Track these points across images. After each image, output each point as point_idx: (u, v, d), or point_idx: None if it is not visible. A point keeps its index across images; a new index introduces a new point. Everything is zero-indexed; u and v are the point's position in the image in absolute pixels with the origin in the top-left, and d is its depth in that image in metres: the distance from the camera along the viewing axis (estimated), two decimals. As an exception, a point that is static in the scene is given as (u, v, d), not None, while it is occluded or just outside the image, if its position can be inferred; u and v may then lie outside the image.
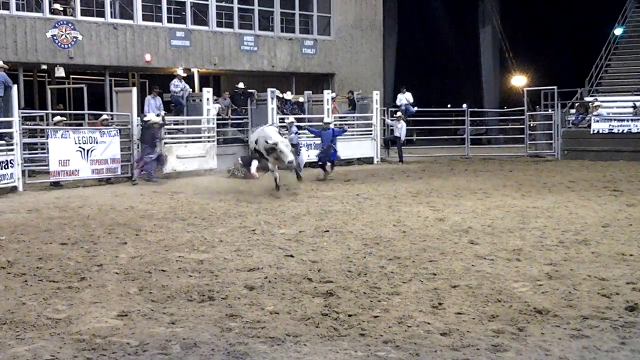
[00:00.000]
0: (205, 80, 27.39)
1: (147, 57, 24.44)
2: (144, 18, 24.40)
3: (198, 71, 26.51)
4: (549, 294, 7.20)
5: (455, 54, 42.31)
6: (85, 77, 26.14)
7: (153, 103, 21.60)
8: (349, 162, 24.05)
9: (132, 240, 10.42)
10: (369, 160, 25.06)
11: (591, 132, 24.94)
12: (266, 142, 16.12)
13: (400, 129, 24.85)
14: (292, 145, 21.59)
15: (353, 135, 24.83)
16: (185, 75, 23.08)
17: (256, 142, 16.87)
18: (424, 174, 20.60)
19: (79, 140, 17.97)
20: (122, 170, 19.03)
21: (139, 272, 8.34)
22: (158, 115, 19.89)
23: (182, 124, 22.12)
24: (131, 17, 24.09)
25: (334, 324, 6.30)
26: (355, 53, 29.79)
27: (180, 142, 20.87)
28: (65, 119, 19.63)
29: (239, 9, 26.67)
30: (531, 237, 10.26)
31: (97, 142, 18.30)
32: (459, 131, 29.40)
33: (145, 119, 19.30)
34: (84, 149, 18.02)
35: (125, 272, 8.33)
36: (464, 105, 31.29)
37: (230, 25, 26.58)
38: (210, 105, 21.56)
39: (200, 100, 21.95)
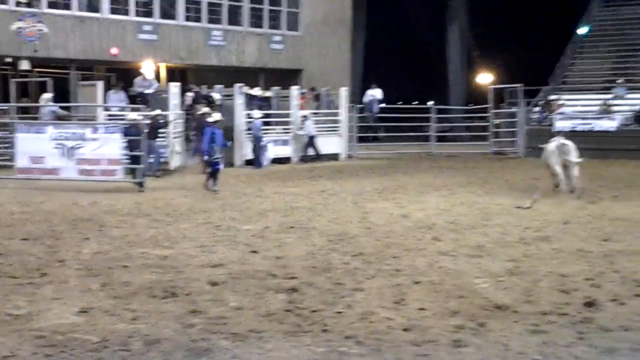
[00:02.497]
0: (172, 75, 27.20)
1: (114, 50, 24.24)
2: (111, 11, 24.21)
3: (165, 65, 26.31)
4: (509, 290, 7.31)
5: (422, 51, 42.57)
6: (51, 71, 25.80)
7: (116, 98, 21.40)
8: (314, 158, 24.05)
9: (95, 235, 10.34)
10: (335, 157, 25.08)
11: (554, 130, 25.24)
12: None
13: (309, 127, 23.83)
14: (256, 139, 21.76)
15: (320, 131, 24.85)
16: (150, 77, 22.72)
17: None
18: (390, 171, 20.71)
19: (58, 135, 16.17)
20: (124, 172, 16.33)
21: (102, 268, 8.29)
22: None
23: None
24: (98, 10, 23.85)
25: (297, 320, 6.34)
26: (323, 49, 29.82)
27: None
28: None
29: (208, 3, 26.59)
30: (493, 234, 10.39)
31: (84, 139, 16.11)
32: (425, 128, 29.58)
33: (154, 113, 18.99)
34: (64, 146, 16.12)
35: (88, 268, 8.27)
36: (430, 102, 31.49)
37: (199, 20, 26.47)
38: (177, 100, 21.37)
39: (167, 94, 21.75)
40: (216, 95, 23.22)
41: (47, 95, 21.07)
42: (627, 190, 15.39)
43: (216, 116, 16.72)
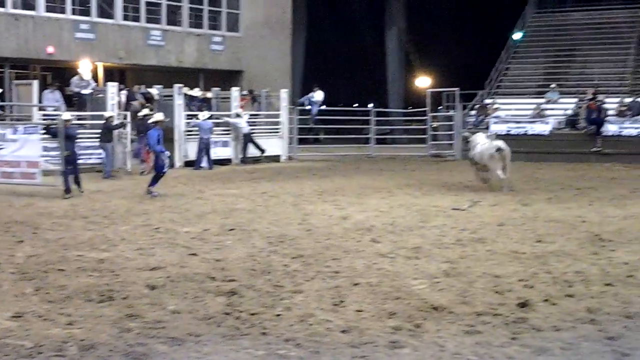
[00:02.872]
0: (110, 75, 26.77)
1: (50, 49, 23.73)
2: (47, 9, 23.69)
3: (103, 65, 25.88)
4: (445, 291, 7.44)
5: (362, 54, 42.91)
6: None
7: (51, 97, 20.98)
8: (256, 159, 24.05)
9: (29, 238, 10.13)
10: (275, 158, 25.10)
11: (490, 133, 25.75)
12: None
13: (242, 124, 23.65)
14: (202, 141, 21.69)
15: (261, 133, 24.86)
16: (88, 77, 22.31)
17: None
18: (330, 173, 20.82)
19: None
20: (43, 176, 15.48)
21: (36, 271, 8.13)
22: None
23: (85, 119, 21.57)
24: (33, 8, 23.31)
25: (236, 323, 6.33)
26: (264, 51, 29.78)
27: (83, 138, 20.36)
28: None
29: (146, 2, 26.27)
30: (431, 236, 10.55)
31: (4, 140, 15.45)
32: (364, 131, 29.82)
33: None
34: None
35: (22, 272, 8.10)
36: (370, 105, 31.75)
37: (137, 19, 26.11)
38: (114, 100, 21.03)
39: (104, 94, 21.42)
40: (154, 91, 23.07)
41: None
42: (561, 193, 15.80)
43: (157, 116, 16.20)
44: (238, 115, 23.55)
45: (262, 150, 23.68)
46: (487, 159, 16.24)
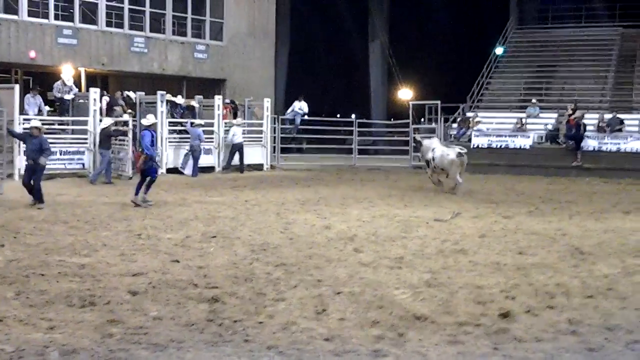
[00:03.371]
0: (92, 81, 26.64)
1: (32, 54, 23.59)
2: (30, 14, 23.55)
3: (85, 70, 25.76)
4: (427, 300, 7.46)
5: (346, 65, 43.12)
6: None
7: (33, 102, 20.88)
8: (238, 168, 24.01)
9: (9, 242, 10.04)
10: (258, 167, 25.08)
11: (472, 147, 25.95)
12: None
13: (237, 136, 23.74)
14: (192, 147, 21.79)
15: (244, 142, 24.83)
16: (70, 83, 22.17)
17: None
18: (313, 182, 20.83)
19: None
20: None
21: (16, 276, 8.06)
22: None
23: (67, 124, 21.46)
24: (16, 12, 23.18)
25: (219, 330, 6.32)
26: (247, 59, 29.79)
27: (65, 143, 20.31)
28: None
29: (130, 9, 26.16)
30: (412, 246, 10.59)
31: None
32: (347, 141, 29.88)
33: (101, 126, 19.33)
34: None
35: (2, 276, 8.03)
36: (353, 116, 31.85)
37: (121, 26, 26.03)
38: (96, 106, 20.92)
39: (87, 100, 21.32)
40: (132, 94, 23.09)
41: None
42: (541, 206, 15.90)
43: (151, 118, 15.79)
44: (232, 125, 23.62)
45: (242, 170, 23.62)
46: (447, 164, 17.77)
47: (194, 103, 24.54)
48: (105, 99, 22.19)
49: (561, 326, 6.70)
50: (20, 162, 18.68)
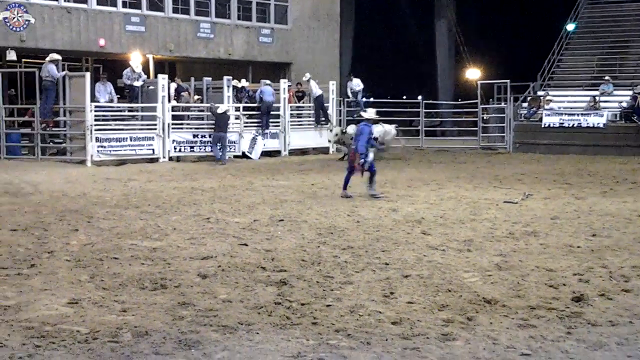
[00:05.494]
0: (160, 67, 27.09)
1: (101, 42, 24.10)
2: (99, 2, 24.05)
3: (153, 57, 26.19)
4: (498, 284, 7.33)
5: (411, 45, 42.62)
6: (38, 62, 25.61)
7: (103, 89, 21.33)
8: (304, 151, 24.09)
9: (83, 227, 10.30)
10: (324, 150, 25.09)
11: (542, 126, 25.41)
12: None
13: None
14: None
15: (309, 125, 24.89)
16: (139, 70, 22.49)
17: None
18: (378, 165, 20.61)
19: None
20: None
21: (91, 259, 8.25)
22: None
23: (137, 110, 21.88)
24: (85, 1, 23.70)
25: (287, 313, 6.33)
26: (312, 43, 29.79)
27: (135, 129, 20.73)
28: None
29: (196, -5, 26.44)
30: (482, 229, 10.42)
31: None
32: (414, 122, 29.62)
33: (219, 110, 21.06)
34: None
35: (77, 260, 8.23)
36: (419, 97, 31.54)
37: (187, 12, 26.35)
38: (164, 92, 21.26)
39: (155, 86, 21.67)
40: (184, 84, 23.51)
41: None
42: (616, 186, 15.46)
43: (371, 112, 14.54)
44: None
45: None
46: (390, 139, 22.14)
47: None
48: (174, 85, 22.50)
49: (637, 310, 6.48)
50: (93, 149, 19.22)
